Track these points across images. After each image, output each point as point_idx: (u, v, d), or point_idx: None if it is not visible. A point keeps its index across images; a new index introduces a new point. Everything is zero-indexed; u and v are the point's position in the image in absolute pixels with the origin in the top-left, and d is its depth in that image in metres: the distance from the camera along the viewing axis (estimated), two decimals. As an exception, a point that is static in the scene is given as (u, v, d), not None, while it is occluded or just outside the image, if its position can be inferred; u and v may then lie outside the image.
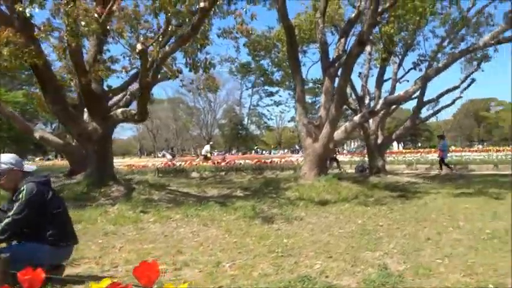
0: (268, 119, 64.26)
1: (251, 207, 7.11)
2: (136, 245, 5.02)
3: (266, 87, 53.04)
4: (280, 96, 56.10)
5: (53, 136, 12.50)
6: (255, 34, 15.29)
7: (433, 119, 67.41)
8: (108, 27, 6.63)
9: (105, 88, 9.07)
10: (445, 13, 12.67)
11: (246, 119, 64.52)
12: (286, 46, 10.97)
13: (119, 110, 8.73)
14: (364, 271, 3.82)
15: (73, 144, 11.78)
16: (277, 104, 59.21)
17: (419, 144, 62.10)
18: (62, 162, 26.03)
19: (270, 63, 16.77)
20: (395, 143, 56.65)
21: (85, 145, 9.15)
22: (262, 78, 20.30)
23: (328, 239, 5.09)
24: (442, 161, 16.04)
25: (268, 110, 79.10)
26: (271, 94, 57.81)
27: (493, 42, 10.03)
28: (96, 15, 6.05)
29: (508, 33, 10.21)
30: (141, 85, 7.55)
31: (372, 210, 6.93)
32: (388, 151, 32.82)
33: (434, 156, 23.57)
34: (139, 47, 6.49)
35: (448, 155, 20.31)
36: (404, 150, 35.99)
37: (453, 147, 40.63)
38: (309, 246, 4.75)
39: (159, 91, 73.82)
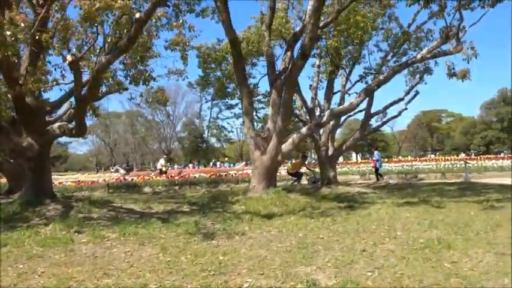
0: (229, 132, 64.13)
1: (194, 223, 6.91)
2: (61, 268, 4.67)
3: (226, 100, 53.01)
4: (240, 109, 56.16)
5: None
6: (205, 47, 15.22)
7: (388, 130, 70.39)
8: (36, 37, 6.26)
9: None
10: (386, 28, 13.14)
11: (206, 132, 64.05)
12: (232, 58, 10.93)
13: (56, 125, 8.29)
14: (293, 288, 3.73)
15: (11, 161, 11.06)
16: (238, 116, 59.21)
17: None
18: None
19: (221, 76, 16.71)
20: (353, 154, 58.25)
21: (19, 162, 8.59)
22: (214, 91, 20.18)
23: (266, 254, 4.97)
24: (376, 171, 17.88)
25: (228, 123, 78.78)
26: (231, 107, 57.77)
27: (429, 56, 10.47)
28: (22, 24, 5.71)
29: (445, 47, 10.70)
30: (76, 98, 7.20)
31: (315, 223, 6.89)
32: (344, 161, 33.66)
33: (386, 165, 24.46)
34: (69, 58, 6.18)
35: (398, 164, 21.88)
36: (360, 161, 36.89)
37: (409, 157, 42.61)
38: (244, 263, 4.61)
39: (116, 104, 72.00)
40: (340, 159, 31.31)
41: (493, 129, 63.80)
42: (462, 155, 41.94)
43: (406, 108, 15.07)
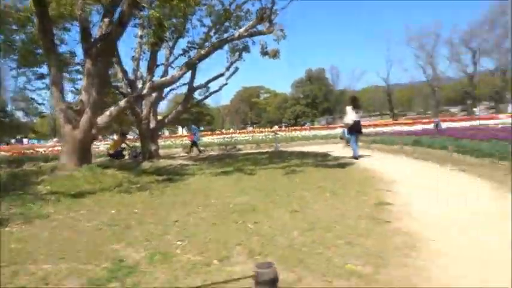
0: (40, 105, 55.80)
1: (-18, 210, 5.80)
2: None
3: (36, 69, 45.91)
4: (54, 78, 49.54)
5: None
6: (3, 4, 12.79)
7: (213, 104, 73.41)
8: None
9: None
10: (208, 4, 13.40)
11: (9, 105, 54.50)
12: (37, 20, 9.40)
13: None
14: (97, 268, 3.49)
15: None
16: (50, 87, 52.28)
17: (202, 128, 66.16)
18: None
19: (26, 40, 14.31)
20: (179, 128, 58.67)
21: None
22: (18, 58, 17.18)
23: (71, 236, 4.54)
24: (194, 144, 19.11)
25: (39, 95, 68.71)
26: (42, 76, 50.38)
27: (246, 34, 11.16)
28: None
29: (260, 28, 11.53)
30: None
31: (132, 198, 6.65)
32: (169, 135, 33.68)
33: (210, 138, 25.62)
34: None
35: (220, 136, 23.50)
36: (185, 134, 37.50)
37: (231, 130, 45.54)
38: (43, 248, 4.09)
39: None
40: (166, 133, 31.17)
41: (301, 104, 73.29)
42: (275, 127, 47.08)
43: (226, 83, 15.89)
